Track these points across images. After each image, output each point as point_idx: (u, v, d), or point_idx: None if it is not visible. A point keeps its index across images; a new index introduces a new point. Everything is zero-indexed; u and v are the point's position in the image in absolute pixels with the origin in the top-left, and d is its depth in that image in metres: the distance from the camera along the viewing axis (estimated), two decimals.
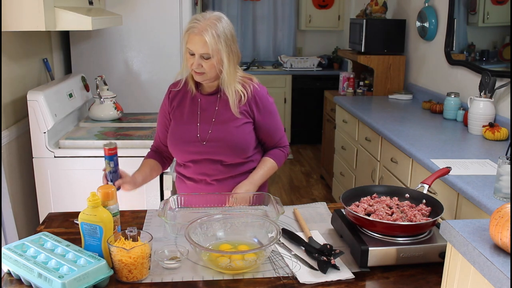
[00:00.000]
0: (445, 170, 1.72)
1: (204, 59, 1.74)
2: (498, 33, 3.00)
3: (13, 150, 2.48)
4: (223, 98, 1.85)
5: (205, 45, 1.71)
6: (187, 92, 1.91)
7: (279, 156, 1.95)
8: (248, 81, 1.87)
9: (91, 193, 1.40)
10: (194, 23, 1.75)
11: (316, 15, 6.01)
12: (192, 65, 1.77)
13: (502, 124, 2.70)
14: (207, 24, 1.72)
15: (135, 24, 3.26)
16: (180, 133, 1.88)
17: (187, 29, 1.77)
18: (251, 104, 1.85)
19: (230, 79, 1.79)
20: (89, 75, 3.18)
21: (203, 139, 1.85)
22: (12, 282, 1.35)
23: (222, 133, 1.84)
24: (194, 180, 1.92)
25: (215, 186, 1.89)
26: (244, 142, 1.86)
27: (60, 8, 2.28)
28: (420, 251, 1.40)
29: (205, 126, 1.86)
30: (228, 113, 1.84)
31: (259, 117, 1.87)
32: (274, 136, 1.94)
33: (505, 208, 1.03)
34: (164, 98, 1.98)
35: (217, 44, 1.72)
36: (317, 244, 1.49)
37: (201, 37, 1.71)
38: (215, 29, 1.72)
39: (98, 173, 2.46)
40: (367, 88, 4.22)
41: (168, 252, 1.46)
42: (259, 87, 1.88)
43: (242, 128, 1.85)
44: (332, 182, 4.27)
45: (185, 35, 1.77)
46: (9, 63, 2.50)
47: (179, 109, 1.91)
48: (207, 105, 1.87)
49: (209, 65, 1.75)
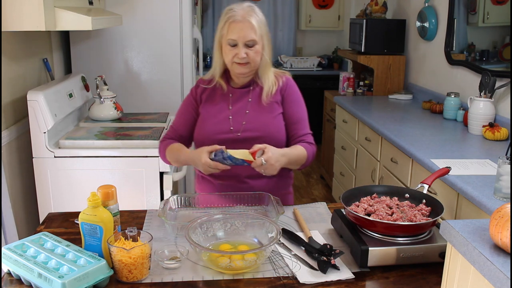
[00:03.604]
0: (445, 170, 1.72)
1: (248, 47, 1.73)
2: (498, 33, 3.00)
3: (13, 150, 2.48)
4: (256, 90, 1.85)
5: (252, 29, 1.71)
6: (216, 89, 1.88)
7: (308, 148, 1.85)
8: (280, 73, 1.89)
9: (91, 193, 1.40)
10: (232, 12, 1.74)
11: (316, 15, 6.01)
12: (235, 56, 1.74)
13: (502, 124, 2.70)
14: (247, 11, 1.73)
15: (135, 24, 3.26)
16: (211, 126, 1.83)
17: (227, 19, 1.74)
18: (282, 94, 1.85)
19: (268, 67, 1.81)
20: (89, 75, 3.18)
21: (237, 130, 1.82)
22: (12, 282, 1.35)
23: (257, 124, 1.81)
24: (223, 178, 1.85)
25: (246, 185, 1.84)
26: (280, 132, 1.83)
27: (60, 8, 2.28)
28: (420, 251, 1.40)
29: (238, 118, 1.83)
30: (262, 104, 1.83)
31: (287, 106, 1.85)
32: (300, 125, 1.87)
33: (505, 208, 1.03)
34: (191, 89, 1.94)
35: (261, 29, 1.74)
36: (317, 244, 1.49)
37: (247, 23, 1.71)
38: (256, 14, 1.75)
39: (98, 173, 2.47)
40: (367, 88, 4.22)
41: (168, 252, 1.46)
42: (291, 79, 1.89)
43: (277, 119, 1.84)
44: (332, 182, 4.27)
45: (225, 26, 1.74)
46: (9, 63, 2.50)
47: (209, 104, 1.87)
48: (239, 99, 1.85)
49: (254, 53, 1.74)
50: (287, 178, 1.96)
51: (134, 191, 2.47)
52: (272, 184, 1.88)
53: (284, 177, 1.94)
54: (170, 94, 3.37)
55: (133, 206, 2.28)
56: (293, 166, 1.84)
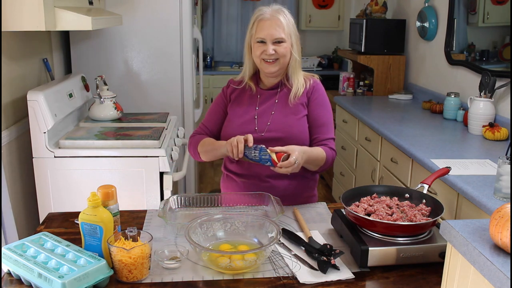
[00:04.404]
0: (445, 170, 1.72)
1: (276, 44, 1.76)
2: (498, 33, 3.00)
3: (13, 150, 2.48)
4: (284, 91, 1.87)
5: (280, 26, 1.75)
6: (246, 90, 1.92)
7: (328, 152, 1.84)
8: (309, 76, 1.91)
9: (91, 193, 1.40)
10: (261, 11, 1.79)
11: (316, 15, 6.01)
12: (263, 52, 1.77)
13: (502, 124, 2.70)
14: (275, 10, 1.78)
15: (135, 24, 3.26)
16: (237, 125, 1.86)
17: (256, 18, 1.79)
18: (309, 96, 1.87)
19: (298, 67, 1.84)
20: (89, 75, 3.18)
21: (261, 130, 1.84)
22: (12, 282, 1.35)
23: (281, 125, 1.83)
24: (246, 176, 1.88)
25: (268, 184, 1.85)
26: (303, 133, 1.84)
27: (60, 8, 2.28)
28: (420, 251, 1.40)
29: (263, 118, 1.85)
30: (288, 105, 1.84)
31: (312, 108, 1.86)
32: (324, 129, 1.87)
33: (505, 208, 1.03)
34: (222, 89, 1.98)
35: (289, 28, 1.78)
36: (317, 244, 1.49)
37: (275, 20, 1.75)
38: (284, 14, 1.79)
39: (98, 173, 2.47)
40: (367, 88, 4.22)
41: (168, 252, 1.46)
42: (319, 82, 1.91)
43: (302, 121, 1.85)
44: (332, 182, 4.27)
45: (254, 25, 1.79)
46: (9, 63, 2.50)
47: (236, 103, 1.90)
48: (266, 99, 1.88)
49: (283, 49, 1.77)
50: (311, 180, 1.95)
51: (134, 191, 2.47)
52: (294, 185, 1.89)
53: (308, 179, 1.93)
54: (170, 94, 3.37)
55: (133, 206, 2.29)
56: (311, 166, 1.83)
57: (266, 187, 1.84)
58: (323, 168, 1.86)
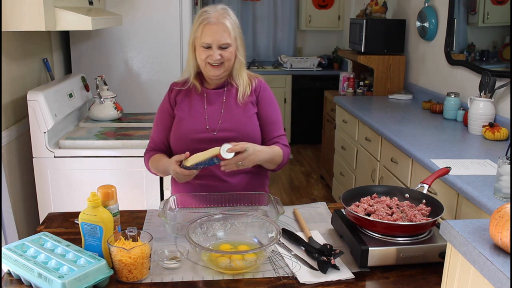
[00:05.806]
0: (445, 170, 1.72)
1: (222, 49, 1.74)
2: (498, 33, 3.00)
3: (13, 150, 2.48)
4: (230, 90, 1.86)
5: (226, 31, 1.72)
6: (191, 90, 1.88)
7: (284, 149, 1.86)
8: (253, 75, 1.91)
9: (91, 193, 1.40)
10: (206, 14, 1.74)
11: (316, 15, 6.01)
12: (208, 58, 1.75)
13: (502, 124, 2.70)
14: (221, 13, 1.74)
15: (135, 24, 3.26)
16: (187, 125, 1.83)
17: (201, 21, 1.74)
18: (257, 94, 1.87)
19: (242, 67, 1.83)
20: (89, 75, 3.18)
21: (213, 129, 1.82)
22: (12, 282, 1.35)
23: (233, 123, 1.82)
24: (202, 177, 1.83)
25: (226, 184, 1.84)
26: (255, 131, 1.84)
27: (60, 8, 2.28)
28: (420, 251, 1.40)
29: (213, 117, 1.83)
30: (237, 104, 1.84)
31: (262, 106, 1.87)
32: (275, 127, 1.88)
33: (505, 208, 1.03)
34: (164, 96, 1.94)
35: (235, 31, 1.75)
36: (317, 244, 1.49)
37: (221, 25, 1.72)
38: (230, 16, 1.75)
39: (98, 173, 2.47)
40: (367, 88, 4.22)
41: (168, 252, 1.46)
42: (263, 81, 1.91)
43: (253, 118, 1.85)
44: (332, 182, 4.27)
45: (199, 28, 1.74)
46: (9, 63, 2.50)
47: (184, 104, 1.87)
48: (214, 99, 1.86)
49: (228, 54, 1.75)
50: (263, 177, 1.97)
51: (134, 191, 2.47)
52: (246, 181, 1.89)
53: (261, 176, 1.94)
54: None
55: (133, 206, 2.29)
56: (269, 165, 1.83)
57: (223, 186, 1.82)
58: (280, 166, 1.87)
